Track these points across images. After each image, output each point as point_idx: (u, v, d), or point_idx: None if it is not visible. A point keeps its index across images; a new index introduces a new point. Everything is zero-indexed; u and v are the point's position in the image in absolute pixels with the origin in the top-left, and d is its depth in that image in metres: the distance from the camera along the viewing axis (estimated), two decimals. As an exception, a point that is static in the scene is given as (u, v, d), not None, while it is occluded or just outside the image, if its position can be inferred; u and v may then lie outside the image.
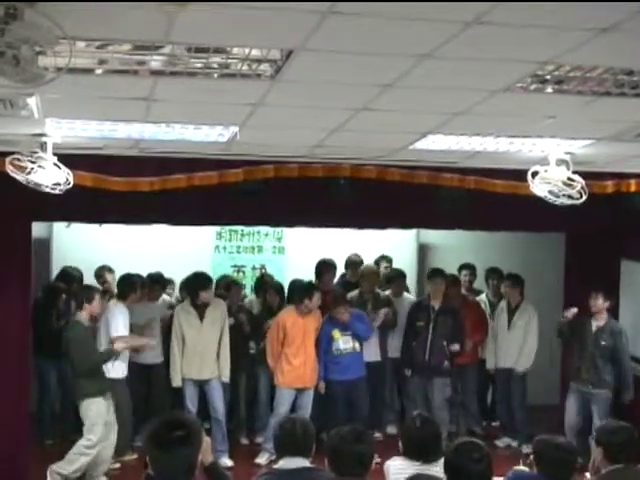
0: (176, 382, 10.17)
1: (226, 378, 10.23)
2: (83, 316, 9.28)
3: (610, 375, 9.85)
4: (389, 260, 12.48)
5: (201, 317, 10.17)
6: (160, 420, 4.24)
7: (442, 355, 10.48)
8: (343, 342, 10.30)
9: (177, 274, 11.57)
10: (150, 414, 10.34)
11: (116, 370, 9.81)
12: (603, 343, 9.83)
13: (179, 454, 4.07)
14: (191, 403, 10.12)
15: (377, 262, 12.27)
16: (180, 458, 4.08)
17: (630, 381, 9.92)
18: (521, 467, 6.84)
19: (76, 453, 9.13)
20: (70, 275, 11.26)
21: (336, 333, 10.31)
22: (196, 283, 10.41)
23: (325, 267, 11.45)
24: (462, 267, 12.26)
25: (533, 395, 11.28)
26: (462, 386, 11.37)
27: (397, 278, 11.90)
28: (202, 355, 10.10)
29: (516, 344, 11.13)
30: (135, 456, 10.03)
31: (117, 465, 9.97)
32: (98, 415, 9.11)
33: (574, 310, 10.05)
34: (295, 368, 10.25)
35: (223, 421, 10.19)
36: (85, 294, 9.43)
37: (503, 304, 11.46)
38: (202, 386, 10.18)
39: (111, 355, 9.45)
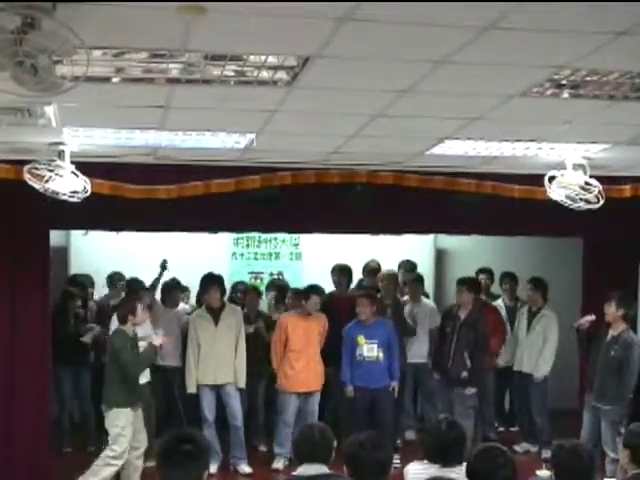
0: (191, 388, 10.15)
1: (242, 384, 10.20)
2: (127, 327, 9.08)
3: (619, 389, 9.21)
4: (412, 266, 12.41)
5: (216, 322, 10.16)
6: (169, 434, 4.30)
7: (461, 366, 10.39)
8: (367, 349, 10.13)
9: (194, 281, 11.57)
10: (170, 420, 10.42)
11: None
12: (612, 354, 9.24)
13: (185, 468, 4.11)
14: (208, 410, 10.08)
15: (400, 266, 12.25)
16: (186, 472, 4.12)
17: (626, 397, 9.21)
18: (544, 472, 6.82)
19: (100, 464, 8.96)
20: (80, 282, 11.30)
21: (361, 339, 10.16)
22: (204, 283, 10.51)
23: (340, 272, 11.44)
24: (479, 271, 12.24)
25: (552, 399, 11.23)
26: (478, 392, 11.26)
27: (413, 283, 11.86)
28: (217, 360, 10.08)
29: (534, 349, 11.04)
30: (154, 463, 10.00)
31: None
32: (125, 426, 8.95)
33: (589, 318, 9.60)
34: (297, 372, 10.22)
35: (241, 427, 10.17)
36: (128, 306, 9.24)
37: (525, 308, 11.39)
38: (218, 392, 10.17)
39: (152, 352, 9.22)
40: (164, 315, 10.65)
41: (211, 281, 10.42)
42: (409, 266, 12.41)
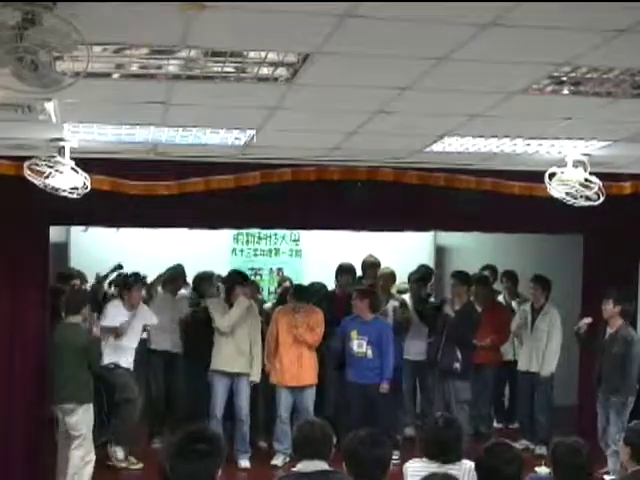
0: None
1: (255, 377, 10.24)
2: (79, 318, 9.03)
3: (623, 382, 9.42)
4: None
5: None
6: (184, 431, 4.28)
7: (452, 357, 10.39)
8: (357, 345, 10.17)
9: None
10: (171, 411, 10.65)
11: (124, 361, 9.83)
12: (614, 351, 9.42)
13: (201, 467, 4.11)
14: (218, 406, 10.11)
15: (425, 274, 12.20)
16: (201, 471, 4.12)
17: (631, 390, 9.45)
18: (542, 468, 6.83)
19: (78, 467, 8.90)
20: (70, 276, 11.30)
21: (354, 333, 10.21)
22: (234, 278, 10.55)
23: (341, 270, 11.44)
24: (483, 268, 12.28)
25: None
26: (474, 385, 11.18)
27: (415, 283, 11.82)
28: (232, 348, 10.13)
29: (538, 347, 11.02)
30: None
31: (139, 466, 9.95)
32: (92, 420, 9.00)
33: (587, 320, 9.78)
34: (286, 366, 10.22)
35: (245, 421, 10.21)
36: (82, 297, 9.27)
37: (527, 306, 11.36)
38: (232, 380, 10.20)
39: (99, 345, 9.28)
40: (163, 302, 10.72)
41: (242, 277, 10.60)
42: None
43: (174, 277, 11.07)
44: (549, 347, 10.97)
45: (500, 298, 12.04)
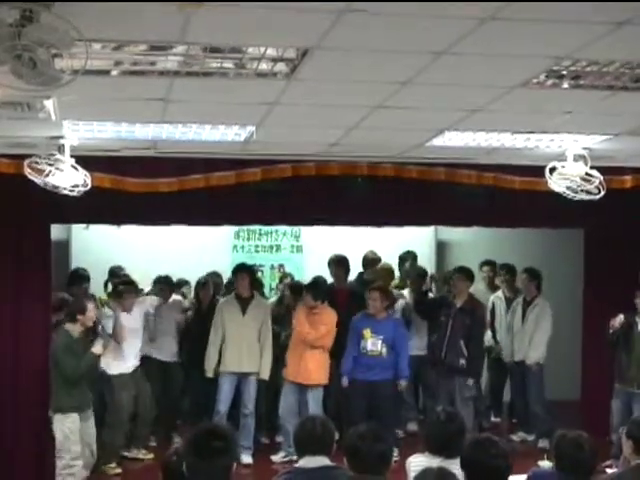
0: (209, 373, 10.21)
1: (265, 376, 10.25)
2: (74, 326, 8.77)
3: None
4: (414, 257, 12.39)
5: (243, 311, 10.23)
6: (199, 429, 4.32)
7: (457, 354, 10.36)
8: (371, 343, 10.07)
9: (196, 274, 11.57)
10: (166, 413, 10.67)
11: (116, 367, 9.77)
12: None
13: (216, 463, 4.16)
14: (223, 402, 10.11)
15: (403, 258, 12.21)
16: (216, 467, 4.17)
17: None
18: (545, 462, 6.82)
19: (58, 476, 8.66)
20: (82, 276, 11.28)
21: (367, 332, 10.10)
22: (234, 271, 10.64)
23: (337, 264, 11.40)
24: (483, 264, 12.26)
25: (552, 390, 11.22)
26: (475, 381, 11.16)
27: (416, 278, 11.82)
28: (241, 348, 10.13)
29: (527, 337, 11.05)
30: (150, 456, 10.07)
31: (118, 470, 9.80)
32: (72, 432, 8.63)
33: (620, 319, 9.64)
34: (291, 362, 10.20)
35: (250, 417, 10.22)
36: (78, 304, 8.95)
37: (519, 299, 11.39)
38: (239, 380, 10.21)
39: (92, 360, 8.85)
40: (159, 310, 10.70)
41: (240, 269, 10.55)
42: (412, 258, 12.34)
43: (162, 287, 10.98)
44: (536, 336, 10.96)
45: (499, 293, 12.00)
